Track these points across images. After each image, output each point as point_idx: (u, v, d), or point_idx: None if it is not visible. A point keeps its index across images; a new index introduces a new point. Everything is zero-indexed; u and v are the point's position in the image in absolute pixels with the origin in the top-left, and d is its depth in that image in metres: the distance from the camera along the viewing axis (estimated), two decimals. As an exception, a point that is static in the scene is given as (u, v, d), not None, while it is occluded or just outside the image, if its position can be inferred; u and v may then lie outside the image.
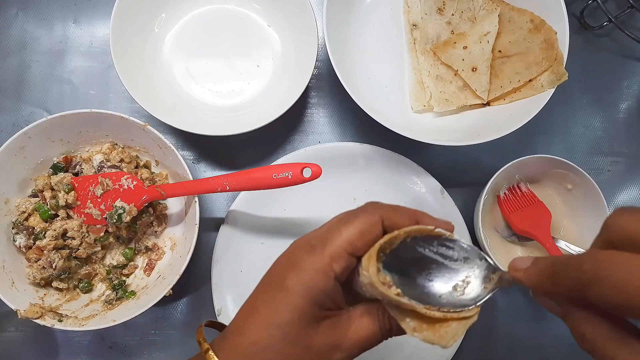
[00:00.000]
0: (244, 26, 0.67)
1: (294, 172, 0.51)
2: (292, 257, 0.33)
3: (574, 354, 0.67)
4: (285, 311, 0.31)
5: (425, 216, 0.34)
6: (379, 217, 0.33)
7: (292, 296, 0.31)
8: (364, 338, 0.32)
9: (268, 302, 0.33)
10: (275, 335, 0.31)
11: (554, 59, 0.61)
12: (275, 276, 0.33)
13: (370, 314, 0.33)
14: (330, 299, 0.32)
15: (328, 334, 0.32)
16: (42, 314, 0.53)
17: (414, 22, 0.68)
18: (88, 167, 0.60)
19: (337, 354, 0.32)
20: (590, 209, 0.62)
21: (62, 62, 0.68)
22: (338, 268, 0.32)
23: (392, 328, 0.32)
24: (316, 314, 0.32)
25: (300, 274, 0.32)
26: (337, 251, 0.32)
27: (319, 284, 0.31)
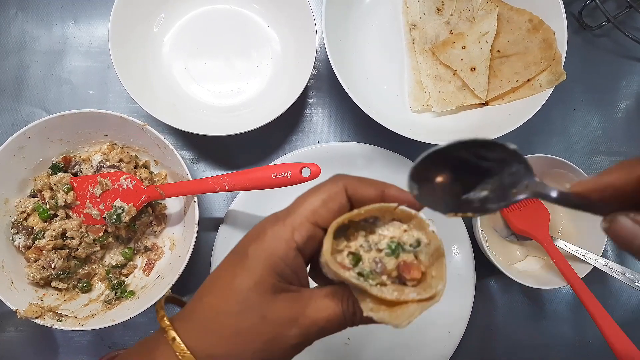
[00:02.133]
0: (244, 26, 0.67)
1: (293, 172, 0.51)
2: (257, 229, 0.33)
3: (574, 354, 0.67)
4: (243, 276, 0.31)
5: (392, 187, 0.33)
6: (342, 185, 0.32)
7: (251, 262, 0.31)
8: (323, 318, 0.31)
9: (228, 269, 0.32)
10: (231, 300, 0.31)
11: (552, 59, 0.61)
12: (239, 247, 0.33)
13: (334, 295, 0.32)
14: (291, 270, 0.32)
15: (285, 307, 0.31)
16: (41, 314, 0.53)
17: (412, 22, 0.68)
18: (87, 167, 0.60)
19: (292, 329, 0.31)
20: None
21: (61, 62, 0.68)
22: (299, 237, 0.31)
23: (355, 313, 0.31)
24: (275, 283, 0.31)
25: (261, 242, 0.31)
26: (299, 220, 0.31)
27: (278, 252, 0.31)
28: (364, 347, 0.63)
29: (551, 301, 0.68)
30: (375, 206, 0.31)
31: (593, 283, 0.63)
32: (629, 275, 0.58)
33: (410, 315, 0.27)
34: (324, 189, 0.32)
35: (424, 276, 0.30)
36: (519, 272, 0.63)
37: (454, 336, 0.62)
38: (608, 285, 0.69)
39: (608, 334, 0.52)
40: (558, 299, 0.68)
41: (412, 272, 0.30)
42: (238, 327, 0.31)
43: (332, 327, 0.32)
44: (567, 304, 0.68)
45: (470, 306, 0.63)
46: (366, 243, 0.31)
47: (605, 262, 0.59)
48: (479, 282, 0.65)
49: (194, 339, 0.31)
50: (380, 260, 0.30)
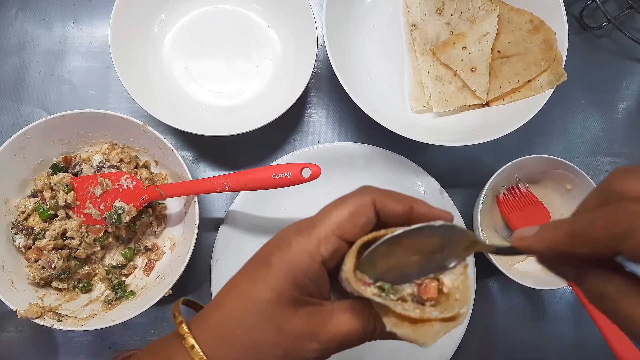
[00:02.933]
0: (244, 26, 0.67)
1: (294, 172, 0.51)
2: (280, 238, 0.32)
3: (574, 354, 0.67)
4: (263, 287, 0.30)
5: (421, 203, 0.32)
6: (370, 199, 0.31)
7: (273, 273, 0.30)
8: (343, 333, 0.31)
9: (249, 278, 0.32)
10: (250, 311, 0.30)
11: (553, 60, 0.61)
12: (260, 256, 0.33)
13: (354, 310, 0.31)
14: (314, 284, 0.31)
15: (305, 321, 0.30)
16: (41, 314, 0.53)
17: (413, 22, 0.68)
18: (87, 167, 0.60)
19: (312, 344, 0.30)
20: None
21: (62, 62, 0.68)
22: (325, 251, 0.30)
23: (376, 329, 0.31)
24: (296, 296, 0.30)
25: (284, 253, 0.31)
26: (325, 233, 0.30)
27: (302, 265, 0.30)
28: (365, 347, 0.62)
29: (551, 301, 0.68)
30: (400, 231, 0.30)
31: (593, 284, 0.63)
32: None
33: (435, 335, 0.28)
34: (351, 202, 0.31)
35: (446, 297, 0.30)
36: (519, 273, 0.63)
37: (454, 336, 0.62)
38: (608, 286, 0.69)
39: (608, 335, 0.52)
40: (558, 300, 0.68)
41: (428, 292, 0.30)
42: (256, 339, 0.30)
43: (351, 342, 0.31)
44: (567, 305, 0.68)
45: (470, 306, 0.63)
46: None
47: None
48: (479, 283, 0.65)
49: (211, 348, 0.31)
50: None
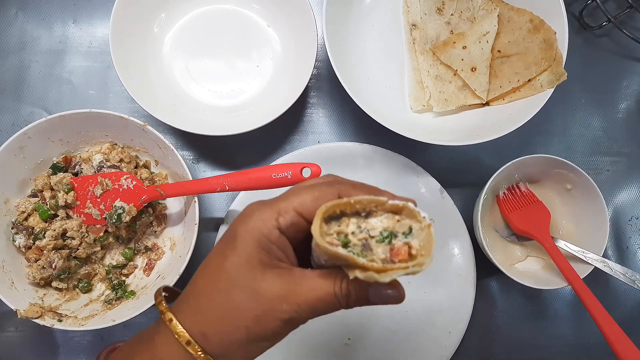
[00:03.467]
0: (244, 26, 0.67)
1: (294, 172, 0.51)
2: (244, 211, 0.34)
3: (574, 354, 0.67)
4: (231, 255, 0.32)
5: (385, 192, 0.34)
6: (336, 189, 0.33)
7: (239, 241, 0.32)
8: (315, 297, 0.32)
9: (218, 252, 0.34)
10: (222, 279, 0.32)
11: (553, 59, 0.61)
12: (228, 230, 0.34)
13: (327, 276, 0.32)
14: (278, 247, 0.33)
15: (275, 282, 0.32)
16: (41, 314, 0.53)
17: (413, 22, 0.68)
18: (87, 167, 0.60)
19: (282, 305, 0.31)
20: (590, 208, 0.62)
21: (62, 62, 0.68)
22: (283, 220, 0.32)
23: (349, 294, 0.32)
24: (263, 259, 0.32)
25: (247, 223, 0.33)
26: (285, 207, 0.33)
27: (262, 229, 0.32)
28: (364, 347, 0.63)
29: (552, 301, 0.68)
30: (366, 197, 0.32)
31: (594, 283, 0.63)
32: (629, 276, 0.58)
33: (393, 274, 0.29)
34: (318, 188, 0.33)
35: (414, 258, 0.31)
36: (519, 273, 0.63)
37: (455, 336, 0.62)
38: (609, 286, 0.69)
39: (609, 335, 0.52)
40: (558, 299, 0.68)
41: (400, 254, 0.31)
42: (229, 304, 0.32)
43: (325, 307, 0.32)
44: (568, 304, 0.68)
45: (470, 306, 0.63)
46: (358, 229, 0.32)
47: (606, 263, 0.59)
48: (480, 283, 0.65)
49: (188, 320, 0.33)
50: (367, 242, 0.31)
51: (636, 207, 0.71)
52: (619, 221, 0.71)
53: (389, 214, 0.32)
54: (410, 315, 0.63)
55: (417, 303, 0.63)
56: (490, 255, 0.60)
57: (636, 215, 0.71)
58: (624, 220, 0.71)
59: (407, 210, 0.32)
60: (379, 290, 0.32)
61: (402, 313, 0.63)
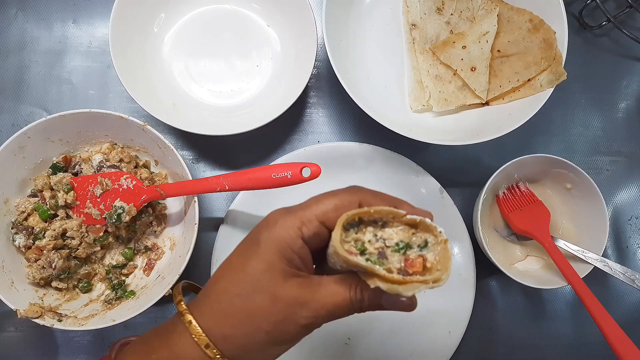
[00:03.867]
0: (244, 26, 0.67)
1: (293, 172, 0.51)
2: (268, 219, 0.35)
3: (574, 353, 0.67)
4: (255, 261, 0.33)
5: (404, 203, 0.35)
6: (357, 197, 0.34)
7: (262, 248, 0.33)
8: (332, 303, 0.33)
9: (241, 256, 0.35)
10: (244, 283, 0.33)
11: (552, 59, 0.61)
12: (251, 234, 0.35)
13: (342, 282, 0.33)
14: (299, 257, 0.34)
15: (295, 290, 0.33)
16: (41, 314, 0.53)
17: (413, 21, 0.68)
18: (87, 167, 0.60)
19: (303, 311, 0.33)
20: (589, 208, 0.62)
21: (62, 62, 0.68)
22: (307, 231, 0.33)
23: (364, 299, 0.33)
24: (285, 268, 0.33)
25: (271, 231, 0.33)
26: (309, 216, 0.33)
27: (287, 239, 0.33)
28: (364, 347, 0.62)
29: (551, 301, 0.68)
30: (385, 208, 0.32)
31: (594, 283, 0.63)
32: (629, 275, 0.58)
33: (415, 288, 0.30)
34: (340, 196, 0.34)
35: (429, 271, 0.32)
36: (519, 272, 0.63)
37: (455, 336, 0.62)
38: (609, 285, 0.69)
39: (608, 334, 0.52)
40: (558, 299, 0.68)
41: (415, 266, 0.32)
42: (250, 308, 0.33)
43: (341, 311, 0.34)
44: (568, 304, 0.68)
45: (470, 306, 0.63)
46: (374, 238, 0.33)
47: (606, 262, 0.59)
48: (479, 282, 0.65)
49: (209, 321, 0.33)
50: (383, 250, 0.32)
51: (636, 206, 0.71)
52: (619, 221, 0.71)
53: (405, 227, 0.33)
54: (410, 315, 0.62)
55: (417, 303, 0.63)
56: (490, 255, 0.60)
57: (636, 214, 0.71)
58: (624, 219, 0.71)
59: (423, 224, 0.33)
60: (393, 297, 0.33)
61: (401, 313, 0.63)
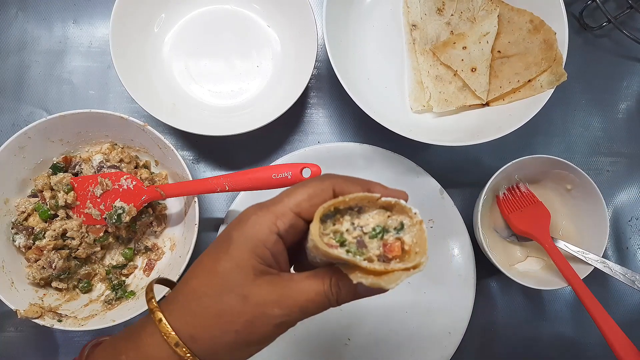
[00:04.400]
0: (244, 26, 0.67)
1: (294, 173, 0.51)
2: (240, 216, 0.34)
3: (574, 354, 0.67)
4: (225, 260, 0.32)
5: (377, 185, 0.34)
6: (329, 184, 0.33)
7: (233, 245, 0.32)
8: (305, 299, 0.32)
9: (212, 255, 0.34)
10: (213, 283, 0.32)
11: (553, 60, 0.61)
12: (223, 234, 0.35)
13: (316, 276, 0.32)
14: (272, 254, 0.33)
15: (267, 289, 0.32)
16: (41, 314, 0.53)
17: (413, 22, 0.68)
18: (87, 167, 0.60)
19: (274, 309, 0.32)
20: (590, 209, 0.62)
21: (62, 62, 0.68)
22: (282, 224, 0.32)
23: (340, 291, 0.32)
24: (256, 265, 0.32)
25: (243, 227, 0.33)
26: (282, 210, 0.33)
27: (259, 235, 0.32)
28: (364, 347, 0.62)
29: (551, 302, 0.68)
30: (359, 195, 0.32)
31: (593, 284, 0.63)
32: (629, 277, 0.58)
33: (397, 279, 0.29)
34: (311, 185, 0.33)
35: (407, 253, 0.32)
36: (519, 273, 0.63)
37: (455, 336, 0.62)
38: (608, 286, 0.69)
39: (608, 334, 0.52)
40: (558, 300, 0.68)
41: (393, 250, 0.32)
42: (219, 308, 0.32)
43: (315, 307, 0.33)
44: (568, 305, 0.68)
45: (470, 307, 0.63)
46: (352, 227, 0.33)
47: (606, 263, 0.59)
48: (479, 283, 0.65)
49: (178, 321, 0.33)
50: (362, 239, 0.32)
51: (636, 207, 0.71)
52: (619, 221, 0.71)
53: (381, 210, 0.33)
54: (410, 315, 0.63)
55: (417, 303, 0.63)
56: (490, 256, 0.60)
57: (636, 215, 0.71)
58: (624, 220, 0.71)
59: (398, 206, 0.32)
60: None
61: (402, 313, 0.63)
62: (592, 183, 0.60)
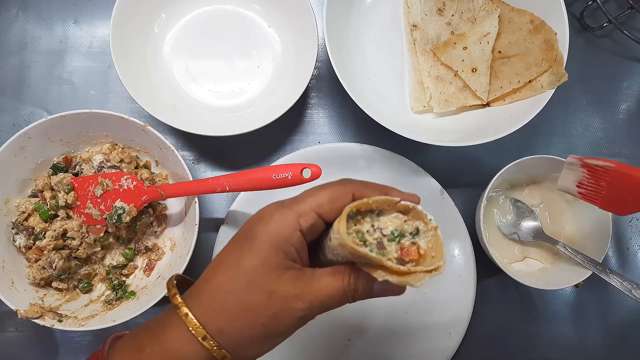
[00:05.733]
0: (244, 26, 0.67)
1: (294, 173, 0.51)
2: (262, 213, 0.35)
3: (574, 353, 0.67)
4: (249, 256, 0.34)
5: (394, 190, 0.36)
6: (349, 188, 0.35)
7: (257, 242, 0.34)
8: (326, 294, 0.33)
9: (234, 252, 0.35)
10: (239, 279, 0.33)
11: (553, 60, 0.61)
12: (244, 230, 0.36)
13: (336, 273, 0.34)
14: (295, 249, 0.34)
15: (291, 284, 0.33)
16: (42, 314, 0.53)
17: (414, 22, 0.68)
18: (88, 168, 0.60)
19: (298, 303, 0.33)
20: (592, 209, 0.62)
21: (62, 63, 0.68)
22: (304, 223, 0.34)
23: (357, 288, 0.34)
24: (280, 261, 0.33)
25: (267, 225, 0.34)
26: (305, 209, 0.34)
27: (283, 232, 0.33)
28: (364, 347, 0.62)
29: (551, 302, 0.68)
30: (381, 198, 0.34)
31: (593, 286, 0.64)
32: (626, 285, 0.57)
33: (421, 279, 0.31)
34: (332, 188, 0.35)
35: (423, 257, 0.34)
36: (519, 272, 0.63)
37: (455, 337, 0.62)
38: (608, 288, 0.68)
39: None
40: (558, 300, 0.68)
41: (410, 254, 0.33)
42: (246, 303, 0.33)
43: (334, 302, 0.34)
44: (567, 304, 0.68)
45: (470, 307, 0.63)
46: (372, 228, 0.34)
47: (604, 269, 0.58)
48: (479, 283, 0.65)
49: (203, 315, 0.34)
50: (381, 240, 0.34)
51: (636, 208, 0.71)
52: (620, 222, 0.71)
53: (398, 214, 0.35)
54: (410, 316, 0.63)
55: (417, 304, 0.63)
56: (488, 251, 0.59)
57: (637, 216, 0.71)
58: (625, 221, 0.71)
59: (415, 211, 0.34)
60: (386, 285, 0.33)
61: (402, 314, 0.63)
62: (593, 183, 0.60)
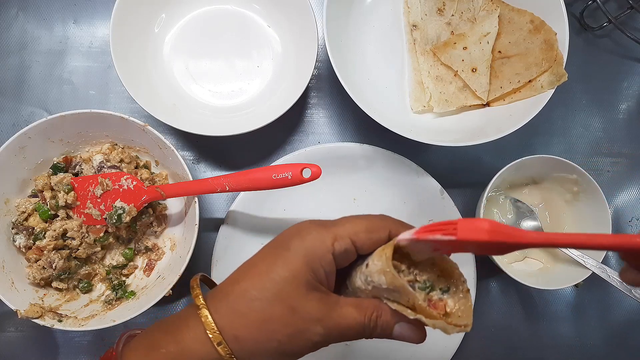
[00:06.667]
0: (244, 26, 0.67)
1: (294, 173, 0.51)
2: (300, 227, 0.35)
3: (574, 353, 0.67)
4: (281, 267, 0.33)
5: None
6: (387, 224, 0.35)
7: (292, 255, 0.33)
8: (346, 325, 0.33)
9: (267, 259, 0.34)
10: (267, 287, 0.33)
11: (553, 60, 0.61)
12: (280, 240, 0.35)
13: (360, 306, 0.34)
14: (324, 271, 0.33)
15: (314, 305, 0.33)
16: (42, 314, 0.53)
17: (414, 22, 0.68)
18: (88, 168, 0.60)
19: (317, 327, 0.33)
20: (592, 209, 0.62)
21: (62, 63, 0.68)
22: (338, 247, 0.33)
23: (377, 327, 0.33)
24: (310, 280, 0.33)
25: (304, 240, 0.33)
26: (342, 233, 0.34)
27: (317, 251, 0.33)
28: (364, 347, 0.62)
29: (552, 302, 0.68)
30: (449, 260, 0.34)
31: (593, 286, 0.63)
32: (626, 285, 0.57)
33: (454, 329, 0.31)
34: (371, 220, 0.35)
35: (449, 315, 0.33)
36: (519, 272, 0.63)
37: (455, 337, 0.62)
38: (608, 288, 0.69)
39: None
40: (558, 300, 0.68)
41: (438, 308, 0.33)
42: (268, 314, 0.32)
43: (352, 334, 0.34)
44: (567, 305, 0.68)
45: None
46: (407, 270, 0.34)
47: (604, 269, 0.58)
48: (479, 282, 0.65)
49: (223, 320, 0.33)
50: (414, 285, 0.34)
51: (637, 207, 0.71)
52: (620, 222, 0.71)
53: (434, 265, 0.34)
54: (410, 315, 0.63)
55: (417, 304, 0.63)
56: (493, 257, 0.59)
57: (636, 216, 0.71)
58: (625, 220, 0.71)
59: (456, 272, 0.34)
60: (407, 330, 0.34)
61: (402, 314, 0.63)
62: (595, 183, 0.60)
